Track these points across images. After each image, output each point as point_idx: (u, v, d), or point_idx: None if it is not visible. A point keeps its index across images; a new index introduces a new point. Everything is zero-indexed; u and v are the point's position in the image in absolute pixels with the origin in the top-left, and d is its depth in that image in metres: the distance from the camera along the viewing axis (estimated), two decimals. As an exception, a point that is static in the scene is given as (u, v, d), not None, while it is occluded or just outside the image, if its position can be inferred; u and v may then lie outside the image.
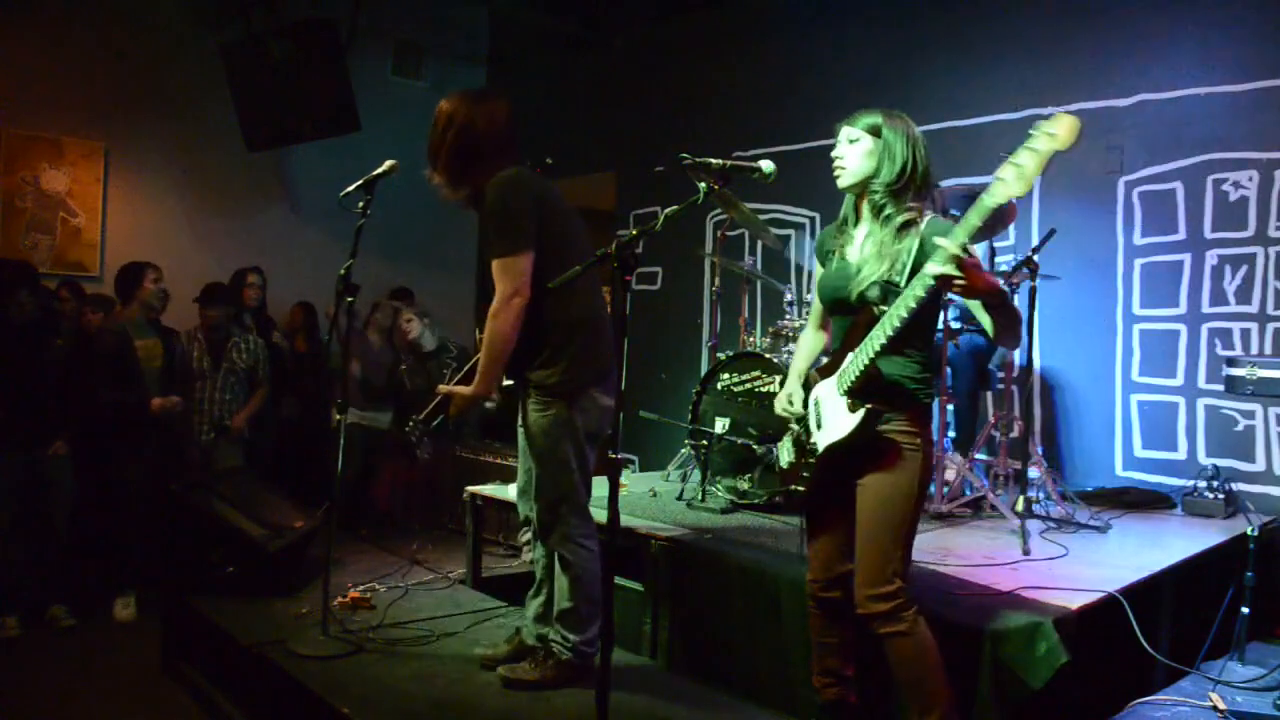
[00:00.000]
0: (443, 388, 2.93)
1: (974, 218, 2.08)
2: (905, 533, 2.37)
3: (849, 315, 2.44)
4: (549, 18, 7.32)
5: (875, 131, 2.43)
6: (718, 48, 6.66)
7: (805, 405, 2.59)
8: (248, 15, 6.23)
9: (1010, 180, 2.03)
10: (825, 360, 2.58)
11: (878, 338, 2.27)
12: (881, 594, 2.32)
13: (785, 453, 2.65)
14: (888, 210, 2.41)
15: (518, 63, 8.03)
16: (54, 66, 6.20)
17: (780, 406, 2.69)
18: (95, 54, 6.35)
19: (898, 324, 2.23)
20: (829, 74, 5.95)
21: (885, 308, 2.28)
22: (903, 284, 2.28)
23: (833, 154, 2.48)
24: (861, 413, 2.33)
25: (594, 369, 2.86)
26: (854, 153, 2.44)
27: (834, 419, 2.44)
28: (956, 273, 2.06)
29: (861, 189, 2.47)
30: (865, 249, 2.44)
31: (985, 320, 2.31)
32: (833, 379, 2.45)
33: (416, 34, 7.73)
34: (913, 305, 2.19)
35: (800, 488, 2.66)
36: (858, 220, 2.53)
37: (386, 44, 7.54)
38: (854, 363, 2.35)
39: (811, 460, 2.54)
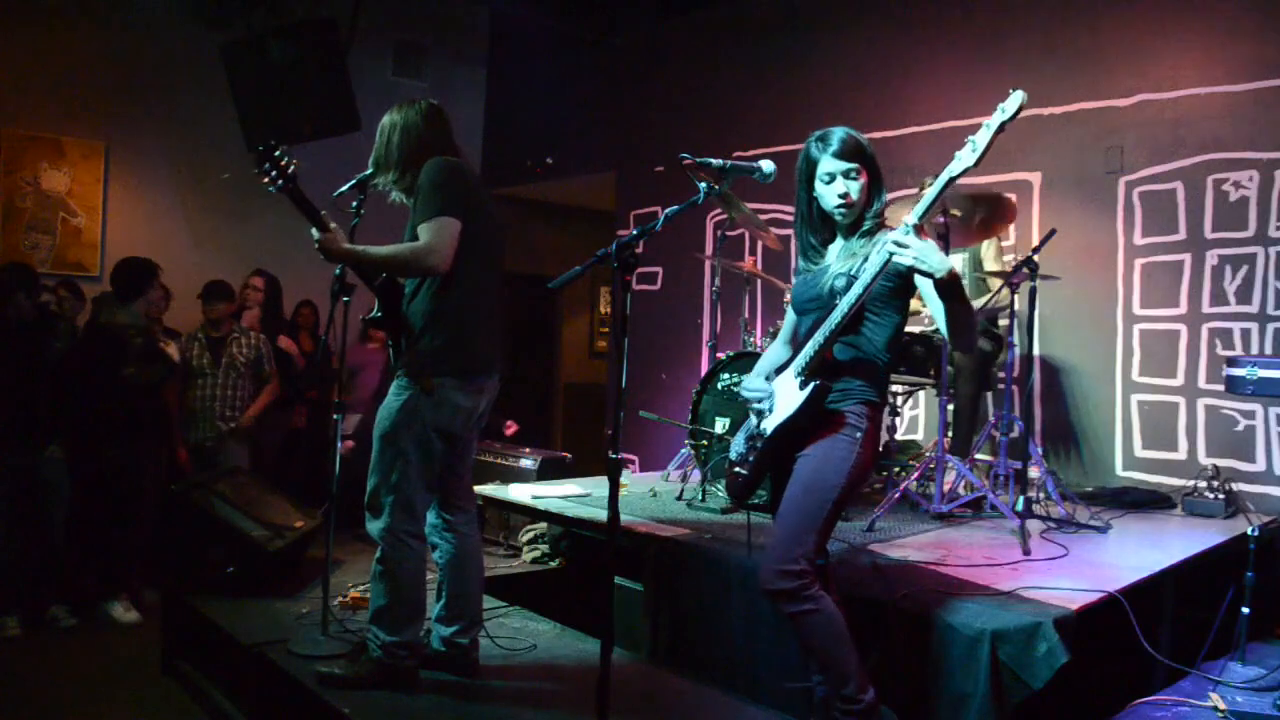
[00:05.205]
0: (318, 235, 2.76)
1: (934, 190, 2.25)
2: (823, 515, 2.33)
3: (818, 312, 2.44)
4: (549, 18, 7.31)
5: (866, 160, 2.44)
6: (718, 48, 6.66)
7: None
8: (248, 15, 6.23)
9: (964, 154, 2.23)
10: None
11: (835, 317, 2.31)
12: (786, 572, 2.29)
13: (736, 444, 2.63)
14: (865, 226, 2.47)
15: (518, 63, 8.03)
16: (54, 66, 6.20)
17: (744, 392, 2.71)
18: (95, 54, 6.35)
19: (854, 300, 2.28)
20: (829, 74, 5.95)
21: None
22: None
23: (838, 191, 2.43)
24: (810, 388, 2.34)
25: (457, 364, 2.81)
26: (858, 188, 2.43)
27: (784, 401, 2.45)
28: (912, 239, 2.16)
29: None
30: (839, 257, 2.49)
31: (939, 314, 2.31)
32: (790, 367, 2.48)
33: (416, 34, 7.73)
34: (868, 282, 2.26)
35: (741, 470, 2.64)
36: (828, 240, 2.57)
37: (386, 44, 7.54)
38: (810, 345, 2.38)
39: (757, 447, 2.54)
